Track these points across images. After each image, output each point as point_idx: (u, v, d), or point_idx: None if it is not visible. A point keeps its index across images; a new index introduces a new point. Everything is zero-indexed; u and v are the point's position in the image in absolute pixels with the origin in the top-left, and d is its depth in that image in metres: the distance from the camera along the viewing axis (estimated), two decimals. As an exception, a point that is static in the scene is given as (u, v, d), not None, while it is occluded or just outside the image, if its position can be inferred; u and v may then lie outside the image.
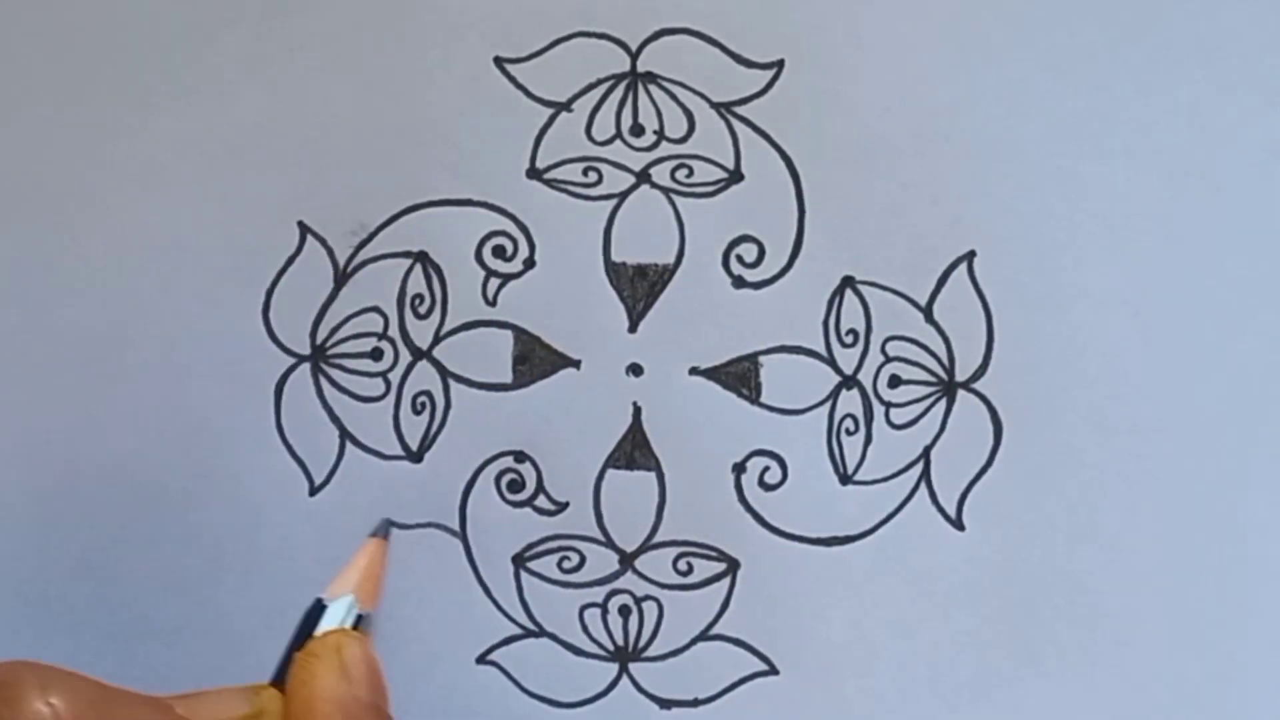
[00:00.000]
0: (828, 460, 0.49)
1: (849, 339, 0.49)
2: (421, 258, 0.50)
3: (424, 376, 0.50)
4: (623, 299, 0.50)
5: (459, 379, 0.50)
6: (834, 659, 0.49)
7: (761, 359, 0.49)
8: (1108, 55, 0.48)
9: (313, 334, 0.50)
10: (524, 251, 0.50)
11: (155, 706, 0.38)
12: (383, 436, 0.50)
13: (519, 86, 0.50)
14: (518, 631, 0.50)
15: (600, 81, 0.50)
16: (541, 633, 0.50)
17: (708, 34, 0.49)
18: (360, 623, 0.42)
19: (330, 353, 0.50)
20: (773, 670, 0.49)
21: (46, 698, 0.36)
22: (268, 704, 0.40)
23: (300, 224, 0.50)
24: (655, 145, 0.50)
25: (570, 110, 0.50)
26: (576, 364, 0.50)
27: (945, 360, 0.49)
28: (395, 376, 0.50)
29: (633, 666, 0.49)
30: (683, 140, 0.49)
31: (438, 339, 0.50)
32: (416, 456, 0.50)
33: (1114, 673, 0.48)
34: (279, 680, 0.40)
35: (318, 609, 0.42)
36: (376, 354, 0.50)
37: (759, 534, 0.49)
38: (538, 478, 0.50)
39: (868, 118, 0.49)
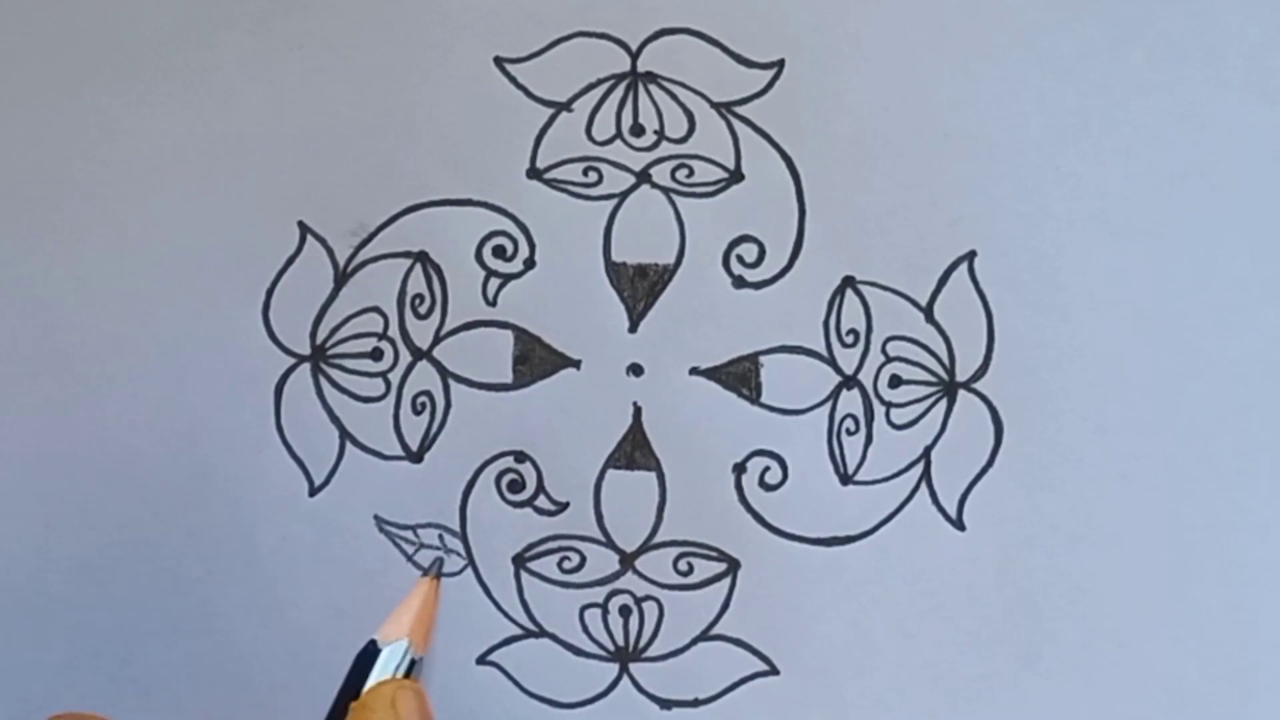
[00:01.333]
0: (828, 460, 0.49)
1: (849, 339, 0.49)
2: (421, 258, 0.50)
3: (424, 376, 0.50)
4: (623, 299, 0.50)
5: (459, 379, 0.50)
6: (834, 659, 0.49)
7: (762, 359, 0.49)
8: (1108, 55, 0.48)
9: (313, 334, 0.50)
10: (524, 251, 0.50)
11: None
12: (382, 436, 0.50)
13: (519, 86, 0.50)
14: (518, 632, 0.50)
15: (600, 81, 0.50)
16: (542, 633, 0.50)
17: (708, 34, 0.49)
18: (413, 669, 0.41)
19: (330, 353, 0.50)
20: (773, 670, 0.49)
21: None
22: None
23: (300, 224, 0.50)
24: (655, 145, 0.50)
25: (570, 110, 0.50)
26: (576, 364, 0.50)
27: (945, 360, 0.49)
28: (395, 376, 0.50)
29: (633, 667, 0.49)
30: (683, 140, 0.49)
31: (438, 339, 0.50)
32: (416, 456, 0.50)
33: (1113, 673, 0.48)
34: None
35: (371, 652, 0.41)
36: (376, 354, 0.50)
37: (759, 534, 0.49)
38: (538, 478, 0.50)
39: (868, 118, 0.49)
